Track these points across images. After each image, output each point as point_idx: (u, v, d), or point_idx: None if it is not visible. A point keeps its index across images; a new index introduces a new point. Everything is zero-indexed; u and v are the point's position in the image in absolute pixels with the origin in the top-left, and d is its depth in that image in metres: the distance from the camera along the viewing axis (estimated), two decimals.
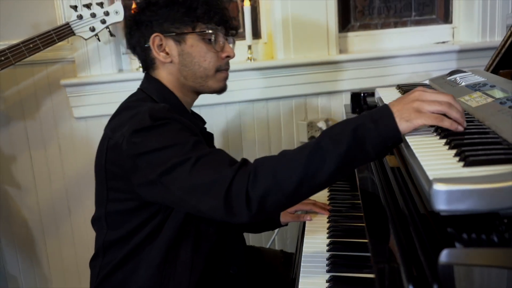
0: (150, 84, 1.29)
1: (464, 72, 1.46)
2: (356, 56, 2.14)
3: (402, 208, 0.88)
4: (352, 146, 0.92)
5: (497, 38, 2.20)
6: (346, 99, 2.17)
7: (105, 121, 2.00)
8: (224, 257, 1.28)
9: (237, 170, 0.99)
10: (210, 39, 1.27)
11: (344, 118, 2.19)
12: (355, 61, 2.13)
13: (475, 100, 1.12)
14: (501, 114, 0.95)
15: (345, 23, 2.24)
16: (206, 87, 1.30)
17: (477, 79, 1.33)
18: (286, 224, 1.52)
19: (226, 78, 1.33)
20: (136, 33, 1.28)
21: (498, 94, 1.10)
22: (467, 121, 0.98)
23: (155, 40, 1.24)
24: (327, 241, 1.29)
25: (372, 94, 1.82)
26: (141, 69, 1.98)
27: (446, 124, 0.89)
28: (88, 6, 1.71)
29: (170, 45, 1.25)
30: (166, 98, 1.26)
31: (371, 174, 1.11)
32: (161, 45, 1.25)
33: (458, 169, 0.74)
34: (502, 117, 0.93)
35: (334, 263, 1.15)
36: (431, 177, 0.71)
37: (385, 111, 0.94)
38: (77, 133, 2.03)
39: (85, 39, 1.72)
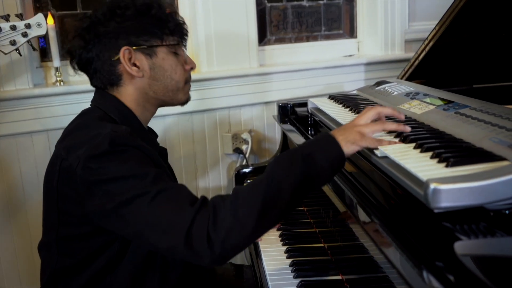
0: (107, 101, 1.20)
1: (390, 82, 1.59)
2: (276, 69, 2.21)
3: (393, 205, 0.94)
4: (306, 175, 0.96)
5: (397, 52, 2.42)
6: (268, 110, 2.24)
7: (21, 140, 1.89)
8: (192, 285, 1.24)
9: (198, 210, 0.95)
10: (175, 52, 1.24)
11: (267, 129, 2.26)
12: (276, 73, 2.21)
13: (417, 108, 1.23)
14: (450, 119, 1.06)
15: (261, 37, 2.31)
16: (176, 100, 1.27)
17: (406, 88, 1.45)
18: None
19: (190, 89, 1.33)
20: (97, 46, 1.17)
21: (436, 101, 1.22)
22: (419, 126, 1.08)
23: (125, 53, 1.16)
24: (284, 248, 1.32)
25: (298, 104, 1.90)
26: (58, 84, 1.89)
27: (385, 143, 0.99)
28: (6, 17, 1.57)
29: (140, 58, 1.18)
30: (125, 117, 1.19)
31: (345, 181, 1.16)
32: (130, 58, 1.17)
33: (441, 169, 0.82)
34: (453, 122, 1.04)
35: (299, 269, 1.18)
36: (424, 179, 0.77)
37: (329, 139, 1.00)
38: None
39: (5, 54, 1.56)
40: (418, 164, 0.85)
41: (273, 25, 2.35)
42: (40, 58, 1.96)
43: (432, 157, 0.87)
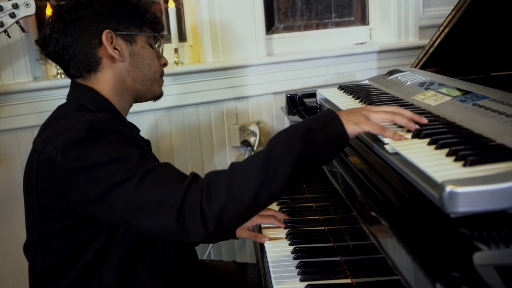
0: (83, 92, 1.18)
1: (403, 71, 1.51)
2: (285, 58, 2.13)
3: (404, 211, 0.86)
4: (304, 150, 0.92)
5: (411, 39, 2.32)
6: (276, 100, 2.16)
7: (22, 135, 1.85)
8: (182, 273, 1.22)
9: (189, 186, 0.93)
10: (151, 45, 1.25)
11: (276, 120, 2.19)
12: (284, 63, 2.13)
13: (432, 99, 1.15)
14: (468, 112, 0.98)
15: (269, 25, 2.23)
16: (152, 91, 1.25)
17: (421, 78, 1.37)
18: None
19: (163, 84, 1.32)
20: (77, 29, 1.15)
21: (452, 92, 1.14)
22: (434, 120, 1.00)
23: (107, 36, 1.15)
24: (290, 248, 1.25)
25: (307, 95, 1.83)
26: (59, 76, 1.83)
27: (389, 134, 0.93)
28: None
29: (121, 44, 1.17)
30: (102, 106, 1.16)
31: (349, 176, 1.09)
32: (111, 42, 1.16)
33: (457, 169, 0.74)
34: (471, 115, 0.96)
35: (306, 272, 1.12)
36: (439, 180, 0.70)
37: (332, 116, 0.97)
38: None
39: None
40: (433, 162, 0.78)
41: (281, 12, 2.27)
42: (40, 50, 1.90)
43: (448, 155, 0.79)
